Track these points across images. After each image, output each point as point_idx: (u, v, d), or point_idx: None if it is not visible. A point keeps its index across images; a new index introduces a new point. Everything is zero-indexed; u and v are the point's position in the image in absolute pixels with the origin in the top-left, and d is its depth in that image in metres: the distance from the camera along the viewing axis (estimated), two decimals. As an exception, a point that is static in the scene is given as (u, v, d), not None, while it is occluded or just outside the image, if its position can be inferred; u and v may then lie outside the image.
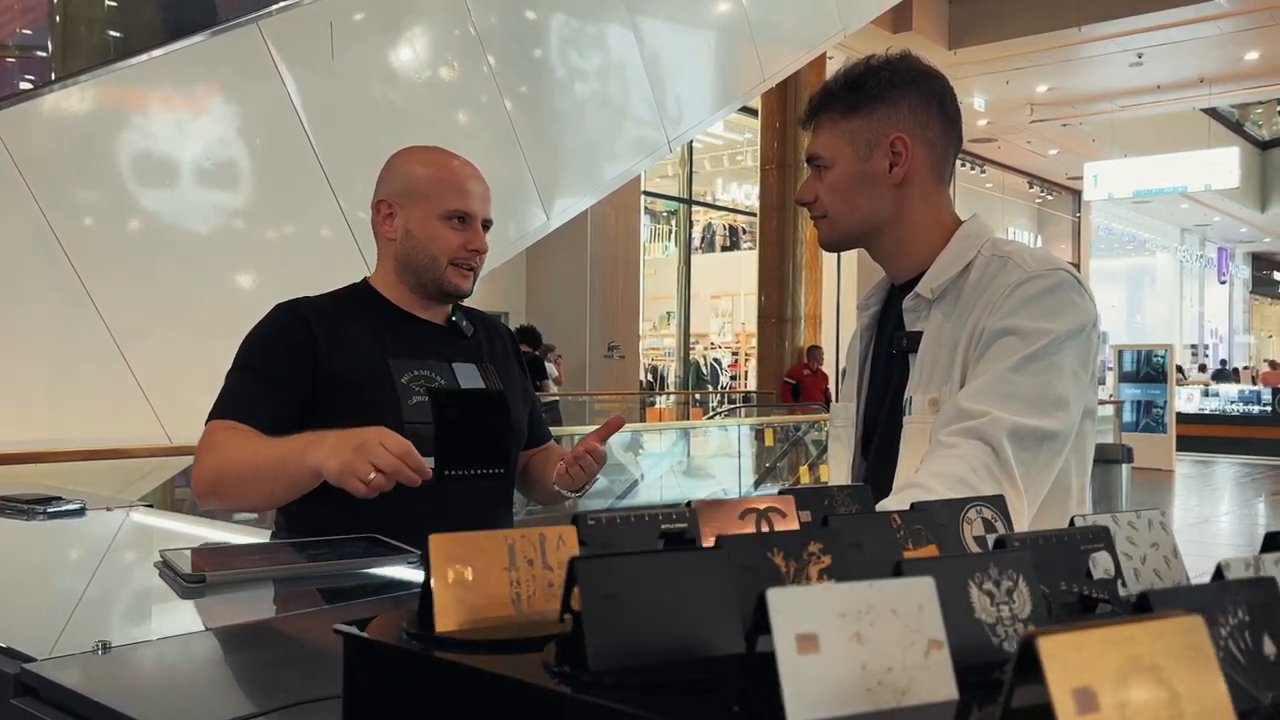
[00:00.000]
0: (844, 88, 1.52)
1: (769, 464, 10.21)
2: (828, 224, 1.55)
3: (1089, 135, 19.29)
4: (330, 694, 0.85)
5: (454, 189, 1.76)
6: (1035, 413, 1.31)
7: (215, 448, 1.62)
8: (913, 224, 1.52)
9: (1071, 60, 15.09)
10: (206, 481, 1.62)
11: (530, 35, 5.79)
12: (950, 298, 1.46)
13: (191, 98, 4.45)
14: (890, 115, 1.50)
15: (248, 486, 1.60)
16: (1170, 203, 22.95)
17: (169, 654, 1.00)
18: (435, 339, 1.81)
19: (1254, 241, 30.64)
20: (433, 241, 1.75)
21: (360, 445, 1.44)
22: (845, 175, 1.51)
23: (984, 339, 1.38)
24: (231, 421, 1.64)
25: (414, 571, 1.39)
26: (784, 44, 7.06)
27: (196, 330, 4.18)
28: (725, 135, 16.97)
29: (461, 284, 1.77)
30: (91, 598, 1.35)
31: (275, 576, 1.34)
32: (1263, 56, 14.89)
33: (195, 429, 1.60)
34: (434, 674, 0.63)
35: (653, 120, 6.04)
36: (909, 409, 1.46)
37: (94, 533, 1.79)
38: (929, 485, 1.24)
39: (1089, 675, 0.40)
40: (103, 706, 0.81)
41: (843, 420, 1.65)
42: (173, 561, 1.35)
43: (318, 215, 4.65)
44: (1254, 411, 16.36)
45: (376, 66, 4.99)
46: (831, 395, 13.08)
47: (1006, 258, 1.44)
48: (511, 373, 1.91)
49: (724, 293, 18.91)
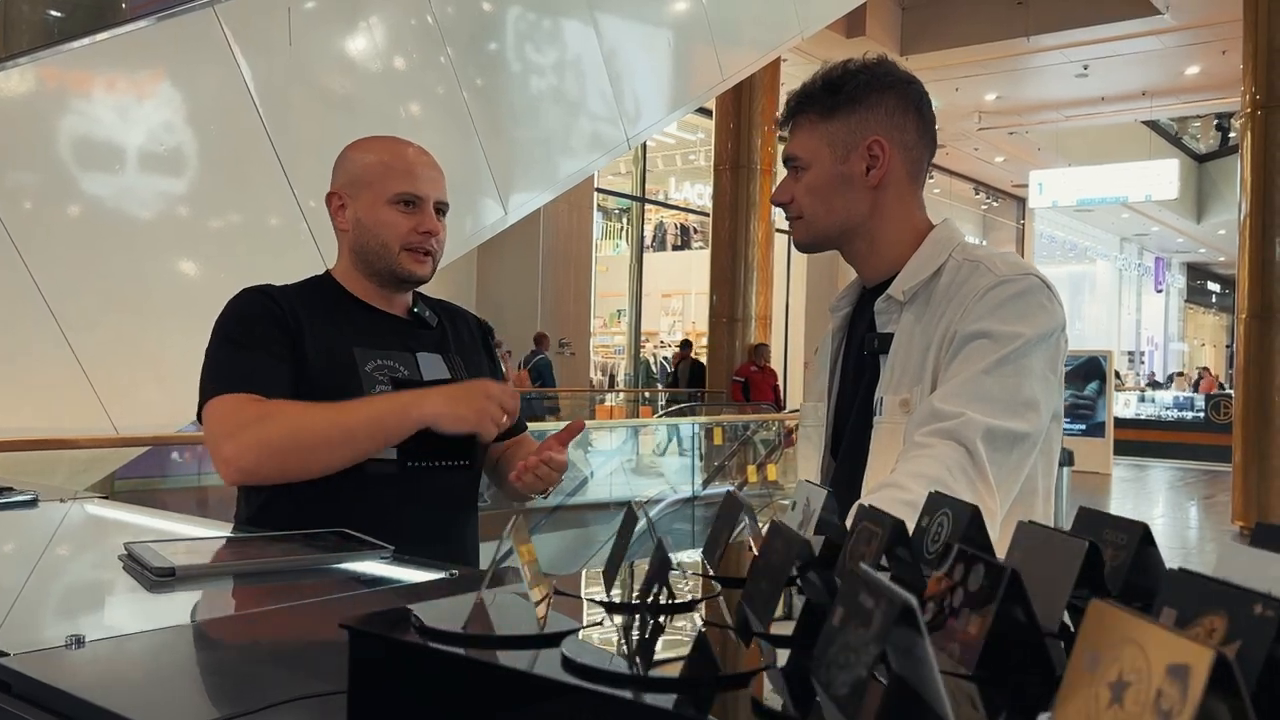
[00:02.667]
0: (822, 90, 1.53)
1: (718, 462, 10.25)
2: (804, 225, 1.56)
3: (1035, 144, 19.66)
4: (319, 691, 0.84)
5: (400, 172, 1.72)
6: (1007, 414, 1.34)
7: (270, 417, 1.54)
8: (886, 227, 1.54)
9: (1020, 70, 15.36)
10: (272, 450, 1.53)
11: (490, 28, 5.75)
12: (921, 300, 1.48)
13: (145, 82, 4.36)
14: (868, 119, 1.51)
15: (333, 450, 1.55)
16: (1111, 212, 23.47)
17: (146, 648, 0.98)
18: (398, 330, 1.78)
19: (1189, 252, 31.44)
20: (382, 228, 1.71)
21: (488, 393, 1.59)
22: (822, 177, 1.52)
23: (956, 341, 1.40)
24: (254, 395, 1.57)
25: (386, 566, 1.37)
26: (743, 45, 7.10)
27: (146, 319, 4.09)
28: (678, 135, 17.02)
29: (416, 269, 1.73)
30: (56, 592, 1.32)
31: (246, 571, 1.32)
32: (1202, 71, 15.28)
33: (141, 419, 1.57)
34: (445, 668, 0.62)
35: (612, 117, 6.03)
36: (880, 409, 1.48)
37: (49, 525, 1.74)
38: (906, 485, 1.25)
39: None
40: (86, 703, 0.79)
41: (813, 420, 1.66)
42: (139, 554, 1.32)
43: (271, 203, 4.58)
44: (1188, 418, 16.79)
45: (334, 54, 4.92)
46: (780, 392, 13.20)
47: (978, 262, 1.47)
48: (479, 363, 1.88)
49: (675, 291, 18.97)
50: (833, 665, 0.43)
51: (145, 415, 3.95)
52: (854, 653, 0.42)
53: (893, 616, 0.42)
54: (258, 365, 1.60)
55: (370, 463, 1.61)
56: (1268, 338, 8.66)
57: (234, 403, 1.57)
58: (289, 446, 1.54)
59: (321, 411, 1.56)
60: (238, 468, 1.56)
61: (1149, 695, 0.35)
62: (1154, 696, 0.35)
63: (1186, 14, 13.05)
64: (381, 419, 1.54)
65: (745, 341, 12.30)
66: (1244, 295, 8.96)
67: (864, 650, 0.42)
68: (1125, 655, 0.37)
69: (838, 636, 0.45)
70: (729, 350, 12.38)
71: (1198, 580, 0.54)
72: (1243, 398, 8.95)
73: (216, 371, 1.63)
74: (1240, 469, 8.92)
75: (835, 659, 0.43)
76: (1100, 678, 0.38)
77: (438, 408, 1.54)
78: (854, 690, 0.42)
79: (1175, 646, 0.35)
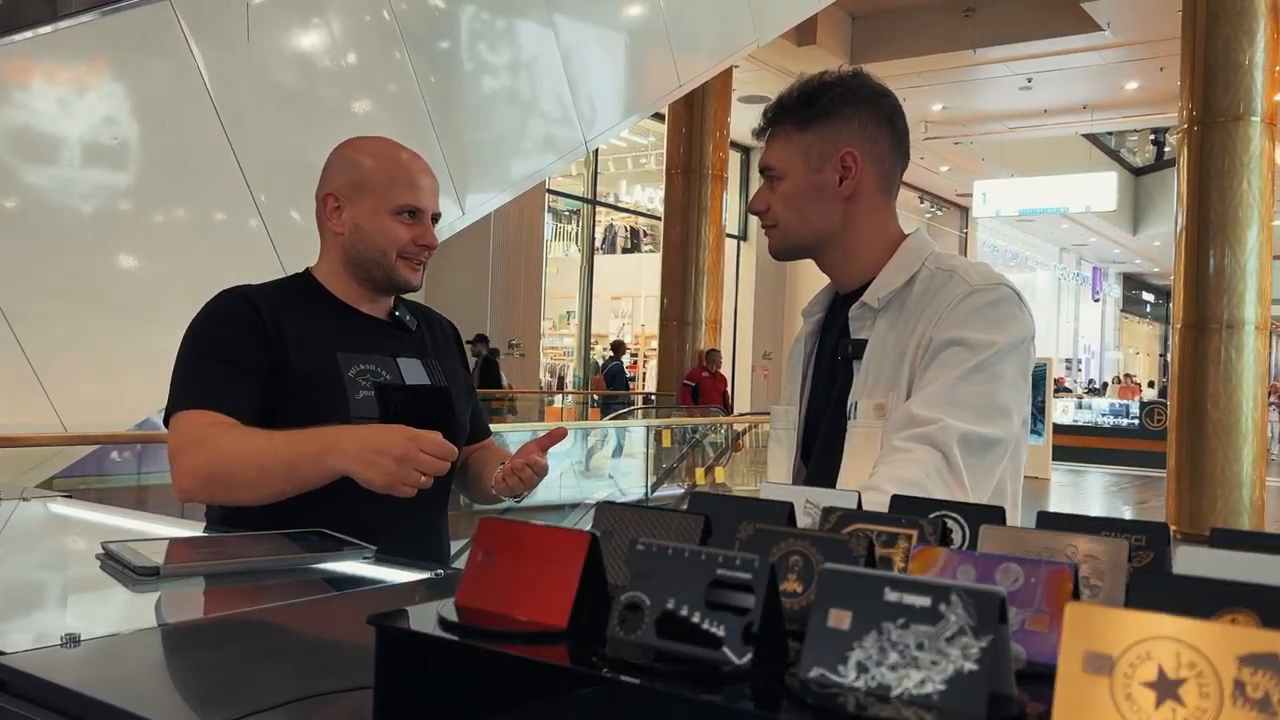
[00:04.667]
0: (798, 102, 1.57)
1: (667, 465, 10.29)
2: (779, 233, 1.60)
3: (979, 154, 20.02)
4: (324, 690, 0.85)
5: (405, 183, 1.73)
6: (982, 420, 1.38)
7: (204, 444, 1.54)
8: (860, 236, 1.57)
9: (966, 81, 15.64)
10: (200, 478, 1.55)
11: (449, 27, 5.73)
12: (895, 307, 1.52)
13: (92, 74, 4.28)
14: (841, 131, 1.55)
15: (251, 488, 1.55)
16: (1051, 222, 23.97)
17: (143, 647, 0.98)
18: (379, 334, 1.78)
19: (1126, 262, 32.22)
20: (383, 236, 1.72)
21: (402, 457, 1.43)
22: (796, 187, 1.56)
23: (932, 348, 1.44)
24: (211, 414, 1.57)
25: (370, 566, 1.38)
26: (700, 52, 7.15)
27: (97, 314, 4.02)
28: (629, 138, 17.05)
29: (411, 278, 1.76)
30: (40, 591, 1.30)
31: (229, 570, 1.31)
32: (1140, 87, 15.69)
33: (90, 416, 1.56)
34: (474, 663, 0.64)
35: (570, 120, 6.05)
36: (854, 413, 1.52)
37: (16, 524, 1.71)
38: (884, 488, 1.29)
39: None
40: (97, 701, 0.79)
41: (784, 423, 1.69)
42: (118, 553, 1.31)
43: (224, 198, 4.51)
44: (1123, 424, 17.21)
45: (290, 49, 4.87)
46: (729, 398, 13.29)
47: (952, 271, 1.51)
48: (454, 367, 1.89)
49: (624, 294, 19.00)
50: (881, 666, 0.45)
51: (94, 413, 3.88)
52: (926, 652, 0.44)
53: (993, 608, 0.44)
54: (216, 379, 1.60)
55: None
56: (1202, 347, 8.90)
57: (192, 422, 1.57)
58: (215, 477, 1.56)
59: (250, 444, 1.54)
60: (180, 488, 1.59)
61: (1222, 688, 0.37)
62: (1232, 688, 0.37)
63: (1127, 31, 13.40)
64: (296, 464, 1.51)
65: (695, 344, 12.37)
66: (1179, 306, 9.21)
67: (942, 649, 0.44)
68: (1159, 652, 0.39)
69: (868, 639, 0.46)
70: (678, 353, 12.44)
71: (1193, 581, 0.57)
72: (1177, 405, 9.19)
73: (179, 384, 1.63)
74: (1175, 474, 9.16)
75: (881, 660, 0.45)
76: (1127, 681, 0.40)
77: (351, 464, 1.47)
78: (952, 686, 0.43)
79: (1243, 637, 0.38)
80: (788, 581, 0.60)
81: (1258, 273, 8.78)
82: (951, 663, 0.43)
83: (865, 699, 0.44)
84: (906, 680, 0.43)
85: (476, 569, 0.66)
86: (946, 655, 0.44)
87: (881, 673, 0.44)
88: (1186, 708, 0.38)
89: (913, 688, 0.43)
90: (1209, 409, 8.83)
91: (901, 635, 0.44)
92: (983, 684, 0.43)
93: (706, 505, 0.81)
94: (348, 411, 1.65)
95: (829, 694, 0.45)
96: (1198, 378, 8.91)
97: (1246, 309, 8.76)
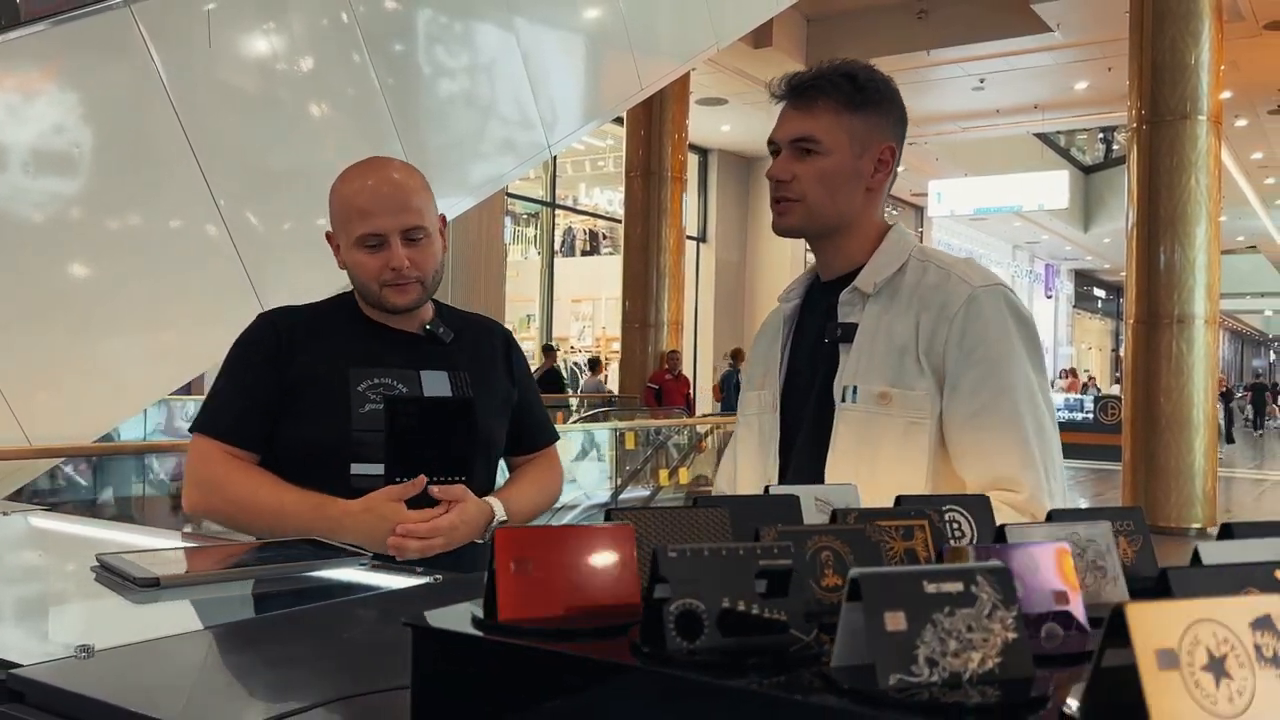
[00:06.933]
0: (845, 79, 1.54)
1: (631, 467, 10.31)
2: (803, 209, 1.56)
3: (933, 154, 20.25)
4: (346, 694, 0.87)
5: (356, 215, 1.70)
6: (1054, 466, 1.47)
7: (218, 486, 1.69)
8: (861, 226, 1.60)
9: (920, 82, 15.81)
10: (213, 515, 1.74)
11: (411, 30, 5.71)
12: (886, 294, 1.55)
13: (48, 80, 4.21)
14: (883, 124, 1.57)
15: (254, 530, 1.70)
16: (1004, 220, 24.30)
17: (158, 657, 0.99)
18: (405, 348, 1.77)
19: (1077, 260, 32.76)
20: (359, 269, 1.73)
21: (386, 533, 1.60)
22: (838, 166, 1.54)
23: (958, 361, 1.47)
24: (226, 448, 1.70)
25: (367, 573, 1.39)
26: (661, 56, 7.18)
27: (62, 326, 3.95)
28: (588, 141, 17.04)
29: (399, 300, 1.73)
30: (42, 605, 1.30)
31: (229, 579, 1.32)
32: (1090, 87, 15.96)
33: (56, 430, 1.60)
34: (512, 661, 0.65)
35: (533, 123, 6.05)
36: (848, 396, 1.52)
37: (2, 538, 1.70)
38: None
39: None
40: (121, 710, 0.80)
41: (755, 408, 1.67)
42: (115, 565, 1.31)
43: (185, 206, 4.46)
44: (1078, 418, 17.51)
45: (251, 53, 4.83)
46: (693, 399, 13.33)
47: (947, 270, 1.54)
48: (493, 379, 1.85)
49: (585, 296, 18.99)
50: (946, 656, 0.47)
51: (60, 426, 3.83)
52: (976, 632, 0.47)
53: (1008, 580, 0.47)
54: (235, 407, 1.74)
55: (357, 477, 1.63)
56: (1154, 342, 9.08)
57: (204, 453, 1.71)
58: (220, 515, 1.75)
59: (264, 501, 1.67)
60: (190, 506, 1.75)
61: (1248, 653, 0.40)
62: (1253, 653, 0.40)
63: (1076, 33, 13.64)
64: (302, 528, 1.61)
65: (658, 346, 12.41)
66: (1132, 301, 9.39)
67: (986, 625, 0.47)
68: (1203, 635, 0.42)
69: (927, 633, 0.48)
70: (641, 355, 12.47)
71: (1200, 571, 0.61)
72: (1131, 399, 9.37)
73: (208, 404, 1.76)
74: (1130, 467, 9.34)
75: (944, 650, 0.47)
76: (1190, 669, 0.42)
77: (353, 540, 1.54)
78: (1006, 657, 0.46)
79: (1248, 605, 0.41)
80: (827, 577, 0.62)
81: (1206, 268, 8.97)
82: (998, 636, 0.46)
83: (943, 691, 0.46)
84: (970, 663, 0.46)
85: (513, 579, 0.67)
86: (991, 630, 0.47)
87: (949, 662, 0.47)
88: (1234, 680, 0.41)
89: (977, 668, 0.46)
90: (1162, 402, 9.01)
91: (952, 622, 0.47)
92: (1026, 647, 0.46)
93: (712, 505, 0.83)
94: (349, 424, 1.66)
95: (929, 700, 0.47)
96: (1150, 372, 9.09)
97: (1196, 304, 8.95)
